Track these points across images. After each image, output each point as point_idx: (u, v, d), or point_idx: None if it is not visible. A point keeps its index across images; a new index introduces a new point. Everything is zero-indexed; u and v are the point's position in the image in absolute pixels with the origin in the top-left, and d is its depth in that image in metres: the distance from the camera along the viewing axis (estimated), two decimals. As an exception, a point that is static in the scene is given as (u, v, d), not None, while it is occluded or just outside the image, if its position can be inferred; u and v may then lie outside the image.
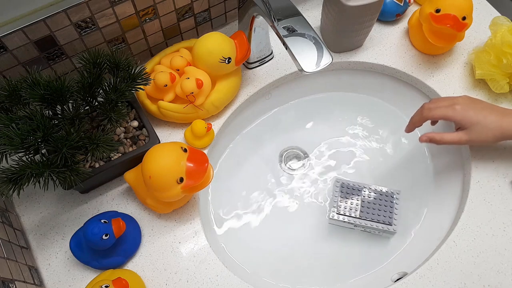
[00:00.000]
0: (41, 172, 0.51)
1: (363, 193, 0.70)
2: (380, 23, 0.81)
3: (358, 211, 0.68)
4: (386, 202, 0.68)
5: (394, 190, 0.69)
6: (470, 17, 0.69)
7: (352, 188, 0.70)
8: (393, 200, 0.68)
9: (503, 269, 0.60)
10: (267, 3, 0.57)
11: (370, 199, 0.69)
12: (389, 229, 0.67)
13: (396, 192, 0.69)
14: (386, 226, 0.67)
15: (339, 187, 0.70)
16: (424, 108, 0.63)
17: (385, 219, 0.67)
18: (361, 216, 0.68)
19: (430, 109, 0.62)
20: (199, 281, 0.60)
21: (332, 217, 0.68)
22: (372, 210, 0.68)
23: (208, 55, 0.65)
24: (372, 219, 0.67)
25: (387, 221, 0.67)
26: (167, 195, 0.56)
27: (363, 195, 0.69)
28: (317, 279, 0.67)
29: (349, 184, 0.71)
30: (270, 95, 0.79)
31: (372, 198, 0.69)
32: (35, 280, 0.58)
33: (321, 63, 0.54)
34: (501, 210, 0.64)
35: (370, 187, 0.70)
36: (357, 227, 0.69)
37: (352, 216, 0.68)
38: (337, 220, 0.68)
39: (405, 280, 0.60)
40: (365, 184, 0.71)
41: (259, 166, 0.78)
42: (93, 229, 0.54)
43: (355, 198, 0.69)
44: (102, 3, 0.60)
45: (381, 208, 0.68)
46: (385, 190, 0.69)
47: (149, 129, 0.65)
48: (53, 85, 0.53)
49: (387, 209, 0.68)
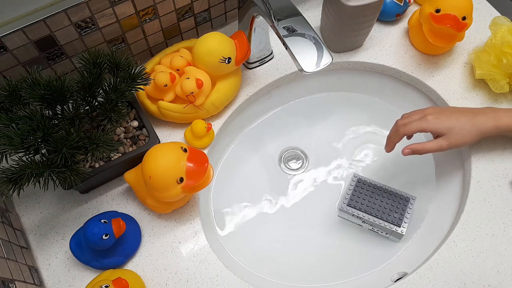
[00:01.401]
0: (41, 172, 0.51)
1: (378, 191, 0.70)
2: (380, 23, 0.81)
3: (369, 208, 0.68)
4: (399, 205, 0.68)
5: (410, 195, 0.69)
6: (470, 17, 0.69)
7: (368, 185, 0.70)
8: (407, 204, 0.68)
9: (503, 269, 0.60)
10: (267, 3, 0.57)
11: (384, 198, 0.69)
12: (397, 230, 0.66)
13: (412, 197, 0.69)
14: (395, 227, 0.66)
15: (355, 182, 0.70)
16: (398, 125, 0.65)
17: (395, 220, 0.67)
18: (371, 213, 0.68)
19: (404, 125, 0.64)
20: (199, 281, 0.60)
21: (342, 208, 0.68)
22: (383, 209, 0.68)
23: (208, 55, 0.65)
24: (382, 218, 0.67)
25: (396, 222, 0.67)
26: (167, 195, 0.56)
27: (377, 193, 0.69)
28: (317, 279, 0.67)
29: (366, 181, 0.71)
30: (270, 95, 0.79)
31: (386, 198, 0.69)
32: (35, 280, 0.58)
33: (321, 63, 0.54)
34: (501, 210, 0.64)
35: (386, 188, 0.70)
36: (366, 223, 0.69)
37: (362, 211, 0.68)
38: (346, 212, 0.68)
39: (405, 280, 0.60)
40: (381, 184, 0.71)
41: (259, 166, 0.78)
42: (93, 229, 0.54)
43: (368, 195, 0.69)
44: (102, 3, 0.60)
45: (393, 209, 0.68)
46: (401, 193, 0.69)
47: (149, 129, 0.65)
48: (53, 85, 0.53)
49: (398, 211, 0.67)
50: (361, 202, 0.69)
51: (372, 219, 0.67)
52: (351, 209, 0.68)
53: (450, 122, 0.62)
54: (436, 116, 0.63)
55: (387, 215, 0.67)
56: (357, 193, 0.70)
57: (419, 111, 0.65)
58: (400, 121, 0.65)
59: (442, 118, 0.62)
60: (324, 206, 0.74)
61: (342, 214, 0.70)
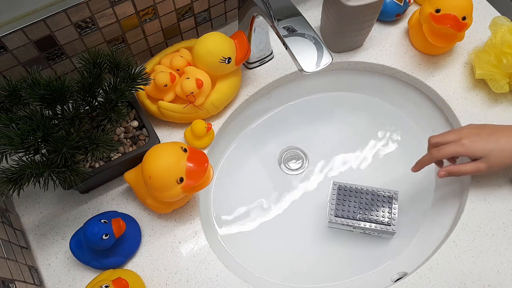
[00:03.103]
0: (41, 172, 0.51)
1: (360, 195, 0.69)
2: (380, 23, 0.81)
3: (356, 213, 0.68)
4: (384, 203, 0.68)
5: (392, 191, 0.69)
6: (470, 17, 0.69)
7: (350, 190, 0.70)
8: (391, 201, 0.68)
9: (503, 269, 0.60)
10: (267, 3, 0.57)
11: (368, 200, 0.69)
12: (388, 229, 0.66)
13: (394, 193, 0.69)
14: (385, 226, 0.67)
15: (337, 190, 0.70)
16: (431, 144, 0.62)
17: (384, 220, 0.67)
18: (359, 218, 0.68)
19: (438, 149, 0.61)
20: (199, 281, 0.60)
21: (331, 220, 0.68)
22: (370, 212, 0.68)
23: (208, 55, 0.65)
24: (370, 221, 0.67)
25: (386, 221, 0.67)
26: (167, 195, 0.56)
27: (360, 197, 0.69)
28: (317, 279, 0.67)
29: (346, 187, 0.70)
30: (270, 95, 0.79)
31: (370, 199, 0.69)
32: (35, 280, 0.58)
33: (321, 63, 0.54)
34: (501, 210, 0.64)
35: (367, 189, 0.70)
36: (356, 229, 0.69)
37: (351, 218, 0.68)
38: (335, 223, 0.68)
39: (405, 280, 0.60)
40: (362, 186, 0.70)
41: (259, 166, 0.78)
42: (93, 229, 0.54)
43: (352, 200, 0.69)
44: (102, 3, 0.60)
45: (379, 209, 0.68)
46: (382, 191, 0.69)
47: (149, 129, 0.65)
48: (53, 85, 0.53)
49: (385, 210, 0.68)
50: (347, 210, 0.68)
51: (362, 224, 0.67)
52: (339, 219, 0.68)
53: (488, 145, 0.58)
54: (472, 139, 0.59)
55: (375, 216, 0.67)
56: (341, 202, 0.69)
57: (453, 132, 0.62)
58: (433, 140, 0.62)
59: (479, 142, 0.59)
60: (324, 206, 0.74)
61: (332, 225, 0.70)
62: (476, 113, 0.71)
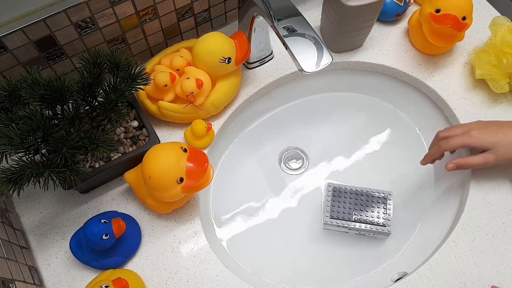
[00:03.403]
0: (41, 172, 0.51)
1: (355, 196, 0.69)
2: (380, 23, 0.81)
3: (352, 215, 0.68)
4: (379, 204, 0.68)
5: (386, 192, 0.69)
6: (470, 17, 0.69)
7: (345, 192, 0.70)
8: (386, 201, 0.68)
9: (503, 269, 0.60)
10: (267, 3, 0.57)
11: (363, 201, 0.69)
12: (384, 230, 0.66)
13: (389, 193, 0.69)
14: (381, 227, 0.67)
15: (331, 191, 0.70)
16: (439, 138, 0.62)
17: (379, 221, 0.67)
18: (354, 219, 0.67)
19: (446, 140, 0.61)
20: (199, 281, 0.60)
21: (326, 222, 0.68)
22: (365, 213, 0.68)
23: (208, 55, 0.65)
24: (366, 222, 0.67)
25: (381, 222, 0.67)
26: (167, 195, 0.56)
27: (355, 198, 0.69)
28: (317, 279, 0.67)
29: (341, 188, 0.70)
30: (270, 95, 0.79)
31: (365, 200, 0.69)
32: (35, 280, 0.58)
33: (321, 63, 0.54)
34: (501, 210, 0.64)
35: (362, 190, 0.70)
36: (352, 230, 0.69)
37: (346, 220, 0.68)
38: (331, 224, 0.68)
39: (405, 280, 0.60)
40: (357, 187, 0.70)
41: (259, 166, 0.78)
42: (93, 229, 0.54)
43: (347, 202, 0.69)
44: (102, 3, 0.60)
45: (374, 210, 0.68)
46: (377, 192, 0.69)
47: (149, 129, 0.65)
48: (53, 85, 0.53)
49: (380, 211, 0.68)
50: (342, 211, 0.68)
51: (357, 226, 0.67)
52: (334, 220, 0.68)
53: (497, 137, 0.58)
54: (481, 131, 0.59)
55: (370, 217, 0.67)
56: (336, 203, 0.69)
57: (461, 126, 0.62)
58: (441, 134, 0.63)
59: (487, 133, 0.59)
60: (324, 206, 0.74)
61: (327, 227, 0.70)
62: (476, 113, 0.71)
